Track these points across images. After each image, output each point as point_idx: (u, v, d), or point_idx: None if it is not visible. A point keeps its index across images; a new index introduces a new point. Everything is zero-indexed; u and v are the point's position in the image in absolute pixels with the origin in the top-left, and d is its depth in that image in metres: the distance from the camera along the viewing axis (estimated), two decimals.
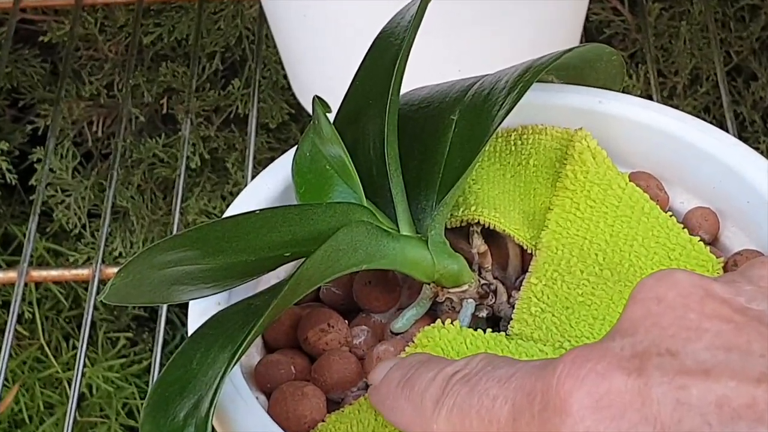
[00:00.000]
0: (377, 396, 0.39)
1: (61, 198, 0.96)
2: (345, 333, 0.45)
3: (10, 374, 1.01)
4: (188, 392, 0.39)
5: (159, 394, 0.40)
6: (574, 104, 0.49)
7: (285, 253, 0.42)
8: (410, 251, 0.44)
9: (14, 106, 1.02)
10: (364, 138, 0.46)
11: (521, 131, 0.48)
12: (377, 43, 0.47)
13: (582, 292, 0.44)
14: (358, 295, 0.46)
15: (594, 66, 0.49)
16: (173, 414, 0.39)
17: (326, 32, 0.69)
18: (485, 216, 0.46)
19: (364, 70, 0.47)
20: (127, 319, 1.04)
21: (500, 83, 0.45)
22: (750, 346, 0.32)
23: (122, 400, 1.02)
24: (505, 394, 0.35)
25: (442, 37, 0.64)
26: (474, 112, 0.45)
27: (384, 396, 0.39)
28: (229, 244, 0.42)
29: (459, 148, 0.45)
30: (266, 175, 0.48)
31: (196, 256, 0.42)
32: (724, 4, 0.92)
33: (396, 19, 0.47)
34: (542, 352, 0.43)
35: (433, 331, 0.43)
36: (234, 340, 0.40)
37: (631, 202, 0.46)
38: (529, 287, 0.44)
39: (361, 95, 0.47)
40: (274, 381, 0.43)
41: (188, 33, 0.95)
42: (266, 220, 0.42)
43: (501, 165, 0.48)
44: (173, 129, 0.98)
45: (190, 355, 0.41)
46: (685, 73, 0.92)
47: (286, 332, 0.45)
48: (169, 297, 0.42)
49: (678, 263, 0.44)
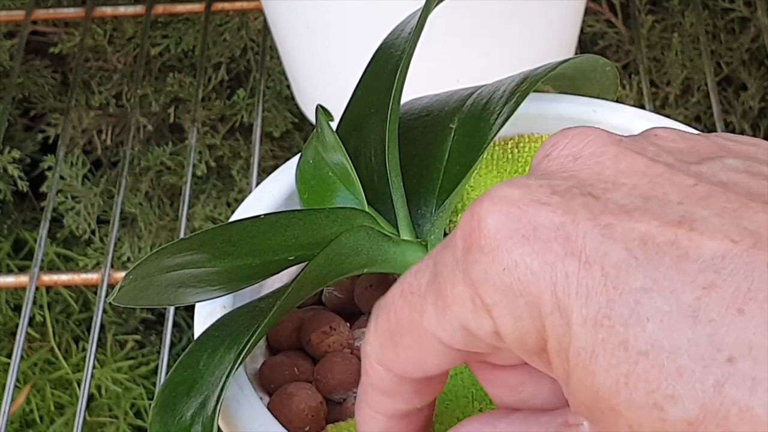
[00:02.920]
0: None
1: (71, 204, 0.97)
2: (347, 335, 0.45)
3: (22, 375, 1.01)
4: (195, 392, 0.39)
5: (167, 394, 0.40)
6: (569, 114, 0.49)
7: (289, 257, 0.42)
8: (410, 255, 0.44)
9: (26, 116, 1.02)
10: (366, 146, 0.46)
11: (518, 140, 0.49)
12: (378, 55, 0.47)
13: None
14: (360, 298, 0.46)
15: (588, 76, 0.49)
16: (181, 413, 0.39)
17: (329, 43, 0.69)
18: None
19: (366, 80, 0.47)
20: (135, 322, 1.04)
21: (498, 93, 0.45)
22: (667, 196, 0.32)
23: (131, 400, 1.02)
24: (427, 263, 0.34)
25: (441, 49, 0.64)
26: (472, 121, 0.45)
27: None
28: (235, 247, 0.42)
29: (458, 156, 0.45)
30: (270, 181, 0.48)
31: (202, 260, 0.42)
32: (715, 17, 0.92)
33: (396, 31, 0.47)
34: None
35: None
36: (239, 341, 0.40)
37: None
38: None
39: (363, 104, 0.47)
40: (278, 382, 0.44)
41: (194, 44, 0.95)
42: (270, 224, 0.43)
43: (498, 172, 0.48)
44: (180, 137, 0.98)
45: (197, 357, 0.41)
46: (677, 84, 0.92)
47: (290, 335, 0.45)
48: (175, 299, 0.42)
49: None
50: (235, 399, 0.41)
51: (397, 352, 0.35)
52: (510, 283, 0.32)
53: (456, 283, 0.33)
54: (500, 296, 0.32)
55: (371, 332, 0.36)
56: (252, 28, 0.94)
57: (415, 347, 0.35)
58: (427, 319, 0.34)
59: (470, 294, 0.33)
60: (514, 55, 0.67)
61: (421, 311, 0.34)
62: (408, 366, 0.36)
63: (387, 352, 0.36)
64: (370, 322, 0.36)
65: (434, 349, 0.34)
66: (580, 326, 0.31)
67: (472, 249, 0.32)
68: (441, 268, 0.33)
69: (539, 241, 0.32)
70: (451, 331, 0.33)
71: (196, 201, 0.97)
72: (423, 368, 0.35)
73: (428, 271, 0.34)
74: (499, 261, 0.32)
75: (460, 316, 0.33)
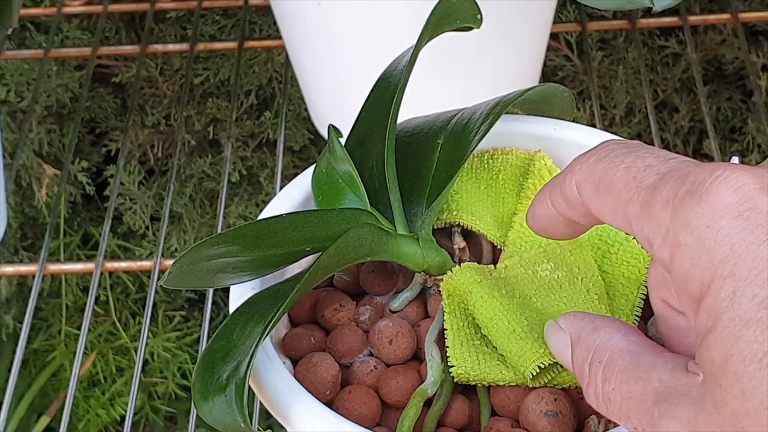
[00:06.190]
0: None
1: (129, 205, 0.96)
2: (353, 311, 0.45)
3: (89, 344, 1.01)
4: (230, 358, 0.39)
5: (207, 359, 0.40)
6: (534, 131, 0.49)
7: (306, 248, 0.42)
8: (405, 247, 0.44)
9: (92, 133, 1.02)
10: (369, 158, 0.46)
11: (492, 152, 0.48)
12: (379, 84, 0.47)
13: (540, 277, 0.44)
14: (364, 281, 0.46)
15: (550, 101, 0.49)
16: (218, 375, 0.39)
17: (338, 75, 0.69)
18: (464, 219, 0.46)
19: (369, 104, 0.47)
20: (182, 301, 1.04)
21: (476, 115, 0.45)
22: None
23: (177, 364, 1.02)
24: (659, 167, 0.33)
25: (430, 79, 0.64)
26: (455, 138, 0.45)
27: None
28: (262, 241, 0.42)
29: (443, 166, 0.45)
30: (291, 187, 0.48)
31: (235, 251, 0.42)
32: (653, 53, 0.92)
33: (393, 65, 0.47)
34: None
35: (453, 275, 0.43)
36: (266, 316, 0.40)
37: None
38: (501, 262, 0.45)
39: (367, 124, 0.47)
40: (298, 349, 0.44)
41: (229, 75, 0.95)
42: (291, 222, 0.42)
43: (476, 179, 0.48)
44: (218, 151, 0.98)
45: (231, 329, 0.41)
46: (622, 107, 0.92)
47: (307, 311, 0.45)
48: (214, 283, 0.42)
49: (617, 256, 0.44)
50: (263, 363, 0.41)
51: (593, 194, 0.35)
52: (705, 238, 0.31)
53: (664, 207, 0.32)
54: (692, 242, 0.31)
55: (590, 161, 0.35)
56: (276, 62, 0.94)
57: (605, 206, 0.34)
58: (631, 207, 0.33)
59: (669, 225, 0.32)
60: (489, 84, 0.67)
61: (629, 200, 0.33)
62: (591, 207, 0.35)
63: (587, 187, 0.35)
64: (591, 156, 0.35)
65: (618, 221, 0.34)
66: (747, 299, 0.30)
67: (694, 196, 0.31)
68: (663, 187, 0.32)
69: (749, 221, 0.30)
70: (638, 231, 0.33)
71: (230, 202, 0.97)
72: (599, 218, 0.35)
73: (655, 177, 0.33)
74: (706, 218, 0.31)
75: (651, 231, 0.32)
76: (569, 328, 0.36)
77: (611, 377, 0.34)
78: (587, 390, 0.35)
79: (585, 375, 0.35)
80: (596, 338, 0.35)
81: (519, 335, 0.40)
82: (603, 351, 0.35)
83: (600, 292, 0.43)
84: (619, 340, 0.35)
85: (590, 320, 0.36)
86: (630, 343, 0.34)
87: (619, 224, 0.34)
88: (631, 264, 0.44)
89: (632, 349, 0.34)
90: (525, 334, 0.40)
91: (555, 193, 0.37)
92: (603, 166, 0.34)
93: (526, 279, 0.43)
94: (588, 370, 0.35)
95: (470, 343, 0.42)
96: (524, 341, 0.40)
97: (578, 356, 0.36)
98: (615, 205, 0.34)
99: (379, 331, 0.43)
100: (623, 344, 0.35)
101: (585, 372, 0.35)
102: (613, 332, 0.35)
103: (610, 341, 0.35)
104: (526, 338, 0.40)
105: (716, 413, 0.30)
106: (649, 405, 0.32)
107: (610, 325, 0.35)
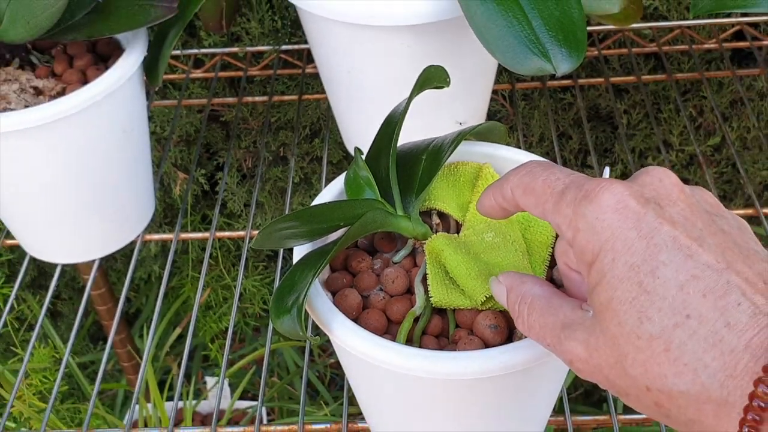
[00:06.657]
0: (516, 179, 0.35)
1: (231, 197, 0.96)
2: (370, 263, 0.45)
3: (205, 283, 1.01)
4: (293, 292, 0.39)
5: (279, 292, 0.40)
6: (482, 151, 0.48)
7: (340, 224, 0.42)
8: (402, 223, 0.44)
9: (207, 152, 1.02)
10: (379, 168, 0.46)
11: (456, 164, 0.48)
12: (386, 121, 0.47)
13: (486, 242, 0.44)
14: (376, 243, 0.46)
15: (493, 132, 0.49)
16: (285, 302, 0.39)
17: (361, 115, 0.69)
18: (439, 205, 0.46)
19: (379, 134, 0.47)
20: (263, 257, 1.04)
21: (446, 140, 0.45)
22: (695, 224, 0.30)
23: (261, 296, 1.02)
24: (564, 180, 0.32)
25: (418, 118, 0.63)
26: (433, 155, 0.45)
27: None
28: (313, 218, 0.42)
29: (426, 173, 0.45)
30: (331, 186, 0.48)
31: (297, 225, 0.42)
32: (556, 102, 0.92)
33: (395, 109, 0.47)
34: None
35: (432, 240, 0.42)
36: (316, 266, 0.40)
37: None
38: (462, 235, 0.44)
39: (378, 146, 0.47)
40: (335, 286, 0.43)
41: (293, 116, 0.94)
42: (331, 207, 0.42)
43: (447, 182, 0.48)
44: (285, 163, 0.98)
45: (294, 273, 0.41)
46: (537, 136, 0.92)
47: (341, 262, 0.45)
48: (283, 245, 0.42)
49: (534, 229, 0.44)
50: (313, 295, 0.41)
51: (521, 196, 0.34)
52: (595, 225, 0.30)
53: (569, 206, 0.31)
54: (587, 227, 0.31)
55: (519, 174, 0.34)
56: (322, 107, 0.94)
57: (529, 203, 0.34)
58: (547, 205, 0.33)
59: (572, 217, 0.31)
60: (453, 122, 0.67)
61: (546, 200, 0.33)
62: (520, 203, 0.34)
63: (517, 190, 0.34)
64: (521, 170, 0.34)
65: (537, 213, 0.33)
66: (622, 265, 0.29)
67: (587, 198, 0.31)
68: (567, 192, 0.32)
69: (622, 215, 0.30)
70: (551, 219, 0.32)
71: (294, 195, 0.97)
72: (525, 209, 0.34)
73: (562, 186, 0.32)
74: (596, 212, 0.31)
75: (560, 220, 0.32)
76: (505, 281, 0.36)
77: (533, 312, 0.34)
78: (517, 321, 0.35)
79: (516, 311, 0.35)
80: (523, 288, 0.35)
81: (473, 277, 0.40)
82: (527, 296, 0.34)
83: (523, 251, 0.43)
84: (538, 289, 0.34)
85: (518, 276, 0.36)
86: (544, 291, 0.34)
87: (538, 214, 0.34)
88: (542, 234, 0.44)
89: (546, 294, 0.34)
90: (476, 276, 0.40)
91: (496, 192, 0.36)
92: (528, 177, 0.34)
93: (477, 242, 0.43)
94: (518, 308, 0.35)
95: (442, 282, 0.42)
96: (476, 281, 0.40)
97: (511, 299, 0.35)
98: (536, 203, 0.34)
99: (386, 275, 0.43)
100: (540, 291, 0.34)
101: (516, 309, 0.35)
102: (534, 284, 0.35)
103: (531, 290, 0.35)
104: (477, 279, 0.40)
105: (602, 336, 0.30)
106: (558, 330, 0.32)
107: (531, 279, 0.35)
